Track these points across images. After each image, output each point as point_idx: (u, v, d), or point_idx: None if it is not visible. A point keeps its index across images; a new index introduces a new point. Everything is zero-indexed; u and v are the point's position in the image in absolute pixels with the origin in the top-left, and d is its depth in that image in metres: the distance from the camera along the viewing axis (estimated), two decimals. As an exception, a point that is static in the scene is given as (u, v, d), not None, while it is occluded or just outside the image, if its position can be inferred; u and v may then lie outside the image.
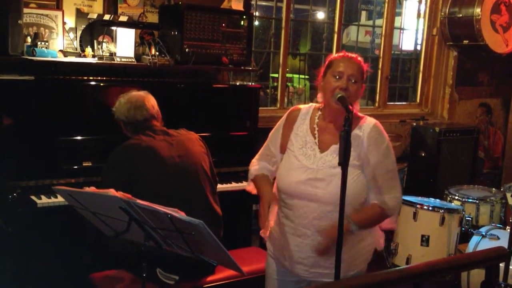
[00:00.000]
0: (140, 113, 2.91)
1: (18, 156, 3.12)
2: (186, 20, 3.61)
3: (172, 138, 2.92)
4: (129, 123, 2.94)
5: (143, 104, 2.93)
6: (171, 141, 2.90)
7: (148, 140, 2.85)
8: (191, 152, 2.94)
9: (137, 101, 2.94)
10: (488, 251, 2.30)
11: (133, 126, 2.93)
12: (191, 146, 2.96)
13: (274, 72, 5.21)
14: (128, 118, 2.92)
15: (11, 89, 3.16)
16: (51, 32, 3.50)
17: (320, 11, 6.13)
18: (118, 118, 2.97)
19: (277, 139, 2.55)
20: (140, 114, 2.91)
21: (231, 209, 3.12)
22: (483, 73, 6.15)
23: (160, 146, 2.85)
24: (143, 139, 2.85)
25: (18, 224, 2.97)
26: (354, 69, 2.35)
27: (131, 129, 2.95)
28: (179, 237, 2.16)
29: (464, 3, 5.45)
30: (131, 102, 2.94)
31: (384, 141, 2.39)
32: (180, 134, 2.99)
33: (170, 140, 2.91)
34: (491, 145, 6.38)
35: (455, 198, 4.45)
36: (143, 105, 2.93)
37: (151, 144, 2.83)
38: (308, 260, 2.40)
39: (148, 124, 2.93)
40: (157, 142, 2.86)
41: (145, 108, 2.93)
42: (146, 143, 2.83)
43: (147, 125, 2.92)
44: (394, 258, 4.05)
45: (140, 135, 2.87)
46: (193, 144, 2.98)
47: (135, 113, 2.91)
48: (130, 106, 2.92)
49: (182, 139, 2.95)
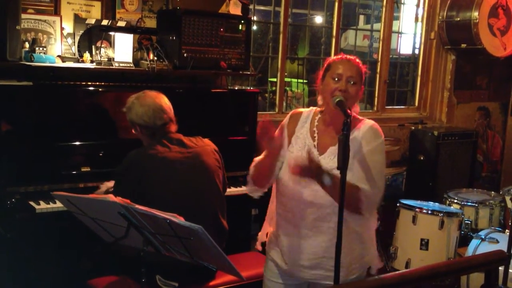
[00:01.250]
0: (159, 116, 2.83)
1: (16, 162, 3.11)
2: (184, 25, 3.61)
3: (188, 150, 2.86)
4: (147, 128, 2.85)
5: (161, 106, 2.86)
6: (186, 153, 2.85)
7: (164, 151, 2.79)
8: (206, 166, 2.89)
9: (154, 103, 2.85)
10: (488, 254, 2.29)
11: (151, 131, 2.85)
12: (206, 159, 2.91)
13: (273, 76, 5.21)
14: (147, 122, 2.83)
15: (9, 95, 3.16)
16: (49, 38, 3.50)
17: (318, 15, 6.13)
18: (133, 121, 2.87)
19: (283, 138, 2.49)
20: (160, 118, 2.83)
21: (230, 213, 3.11)
22: (481, 76, 6.16)
23: (175, 158, 2.80)
24: (159, 150, 2.79)
25: (16, 230, 2.96)
26: (353, 71, 2.35)
27: (147, 134, 2.87)
28: (178, 242, 2.15)
29: (462, 7, 5.46)
30: (148, 104, 2.84)
31: (378, 139, 2.37)
32: (196, 145, 2.92)
33: (185, 152, 2.85)
34: (489, 149, 6.39)
35: (454, 202, 4.45)
36: (161, 107, 2.85)
37: (166, 156, 2.79)
38: (310, 263, 2.39)
39: (165, 129, 2.87)
40: (172, 154, 2.81)
41: (164, 110, 2.86)
42: (161, 154, 2.78)
43: (165, 130, 2.86)
44: (393, 262, 4.04)
45: (157, 145, 2.81)
46: (209, 156, 2.93)
47: (154, 116, 2.82)
48: (148, 109, 2.83)
49: (198, 151, 2.89)
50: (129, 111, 2.89)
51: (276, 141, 2.32)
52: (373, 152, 2.34)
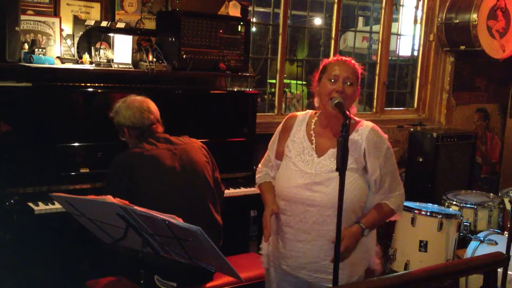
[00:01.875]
0: (147, 117, 2.88)
1: (15, 163, 3.11)
2: (183, 27, 3.62)
3: (175, 147, 2.90)
4: (135, 128, 2.89)
5: (148, 108, 2.91)
6: (174, 150, 2.88)
7: (151, 149, 2.82)
8: (194, 161, 2.92)
9: (141, 105, 2.90)
10: (486, 256, 2.30)
11: (139, 131, 2.89)
12: (194, 155, 2.94)
13: (272, 78, 5.21)
14: (135, 123, 2.87)
15: (8, 96, 3.16)
16: (49, 39, 3.50)
17: (317, 17, 6.13)
18: (120, 123, 2.91)
19: (273, 145, 2.59)
20: (147, 118, 2.88)
21: (229, 215, 3.11)
22: (480, 78, 6.17)
23: (163, 155, 2.83)
24: (146, 148, 2.82)
25: (15, 231, 2.96)
26: (349, 72, 2.37)
27: (135, 135, 2.90)
28: (177, 243, 2.15)
29: (461, 9, 5.47)
30: (135, 106, 2.90)
31: (384, 143, 2.41)
32: (183, 142, 2.96)
33: (173, 148, 2.88)
34: (488, 151, 6.39)
35: (453, 204, 4.45)
36: (148, 109, 2.90)
37: (154, 153, 2.81)
38: (311, 265, 2.40)
39: (153, 129, 2.90)
40: (160, 151, 2.84)
41: (150, 111, 2.90)
42: (149, 152, 2.81)
43: (152, 130, 2.90)
44: (392, 263, 4.04)
45: (143, 143, 2.84)
46: (196, 152, 2.96)
47: (142, 117, 2.87)
48: (136, 111, 2.88)
49: (185, 148, 2.93)
50: (116, 115, 2.92)
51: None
52: (387, 158, 2.40)
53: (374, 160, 2.36)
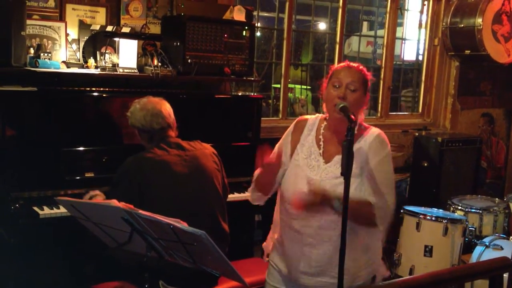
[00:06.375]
0: (157, 121, 2.87)
1: (20, 167, 3.12)
2: (188, 31, 3.63)
3: (186, 153, 2.89)
4: (144, 131, 2.90)
5: (159, 111, 2.89)
6: (185, 156, 2.87)
7: (162, 154, 2.82)
8: (204, 168, 2.91)
9: (154, 108, 2.89)
10: (492, 261, 2.29)
11: (149, 134, 2.89)
12: (205, 162, 2.93)
13: (276, 82, 5.22)
14: (144, 126, 2.87)
15: (14, 100, 3.17)
16: (54, 44, 3.52)
17: (322, 21, 6.16)
18: (133, 125, 2.92)
19: (287, 146, 2.50)
20: (157, 123, 2.87)
21: (233, 219, 3.11)
22: (485, 83, 6.15)
23: (173, 161, 2.82)
24: (157, 153, 2.81)
25: (20, 235, 2.96)
26: (354, 77, 2.34)
27: (146, 138, 2.91)
28: (182, 248, 2.15)
29: (466, 13, 5.46)
30: (147, 109, 2.89)
31: (384, 149, 2.38)
32: (194, 148, 2.94)
33: (183, 155, 2.88)
34: (493, 155, 6.37)
35: (458, 208, 4.43)
36: (159, 112, 2.89)
37: (165, 159, 2.81)
38: (314, 270, 2.39)
39: (164, 134, 2.90)
40: (171, 157, 2.83)
41: (162, 116, 2.89)
42: (160, 157, 2.80)
43: (163, 135, 2.89)
44: (397, 268, 4.03)
45: (155, 148, 2.84)
46: (207, 159, 2.95)
47: (152, 120, 2.86)
48: (146, 113, 2.87)
49: (196, 155, 2.92)
50: (131, 116, 2.93)
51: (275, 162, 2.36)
52: (381, 164, 2.35)
53: (370, 162, 2.33)
